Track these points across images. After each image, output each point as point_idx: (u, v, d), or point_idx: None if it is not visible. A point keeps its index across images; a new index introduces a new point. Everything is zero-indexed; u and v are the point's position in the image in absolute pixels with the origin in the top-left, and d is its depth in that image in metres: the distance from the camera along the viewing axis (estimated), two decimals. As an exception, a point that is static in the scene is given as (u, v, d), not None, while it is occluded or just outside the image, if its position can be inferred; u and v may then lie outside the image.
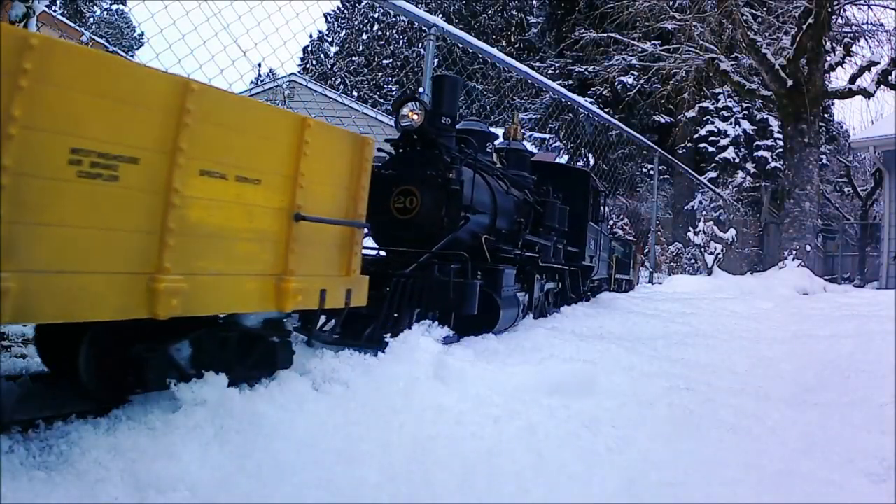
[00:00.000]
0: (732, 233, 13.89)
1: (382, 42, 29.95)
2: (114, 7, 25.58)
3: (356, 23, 31.67)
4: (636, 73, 17.79)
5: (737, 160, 20.80)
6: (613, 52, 16.97)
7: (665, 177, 18.21)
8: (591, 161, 12.23)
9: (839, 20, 13.53)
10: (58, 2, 22.40)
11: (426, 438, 1.71)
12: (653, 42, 15.90)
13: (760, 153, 20.78)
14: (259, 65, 23.19)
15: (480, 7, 27.58)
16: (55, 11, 18.24)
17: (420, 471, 1.53)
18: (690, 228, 13.64)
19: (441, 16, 19.27)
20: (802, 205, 12.09)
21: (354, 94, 24.83)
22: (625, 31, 15.64)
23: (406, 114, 3.53)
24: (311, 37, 31.51)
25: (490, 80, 9.17)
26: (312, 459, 1.55)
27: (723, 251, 13.06)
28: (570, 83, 20.61)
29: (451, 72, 5.24)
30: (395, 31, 29.89)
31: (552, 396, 2.22)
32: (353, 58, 30.31)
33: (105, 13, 25.52)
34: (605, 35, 16.38)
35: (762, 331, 5.02)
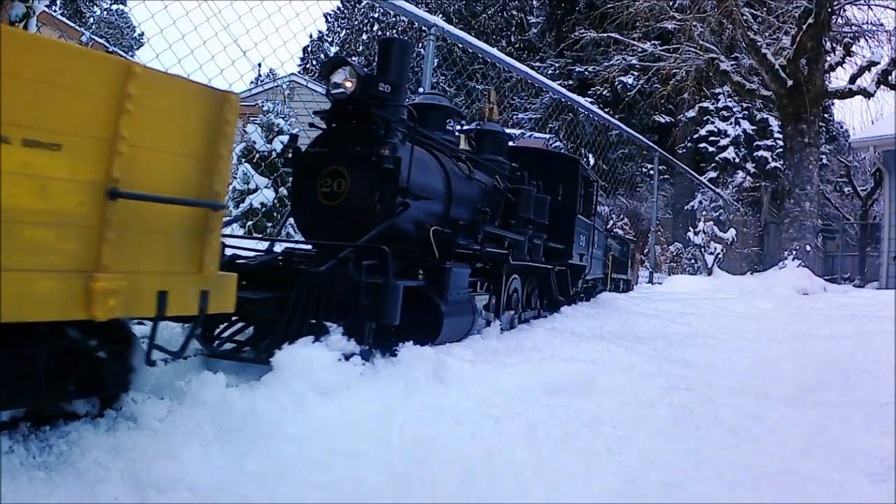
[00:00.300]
0: (732, 233, 13.90)
1: (382, 42, 29.96)
2: (114, 7, 25.58)
3: (356, 23, 31.70)
4: (636, 73, 17.81)
5: (737, 160, 20.82)
6: (613, 52, 16.99)
7: (665, 177, 18.22)
8: (592, 161, 12.21)
9: (839, 20, 13.54)
10: (58, 2, 22.41)
11: (426, 438, 1.71)
12: (653, 42, 15.92)
13: (760, 153, 20.80)
14: (259, 65, 23.20)
15: (480, 7, 27.58)
16: (55, 11, 18.24)
17: (420, 471, 1.53)
18: (690, 228, 13.64)
19: (441, 16, 19.27)
20: (802, 205, 12.10)
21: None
22: (625, 31, 15.65)
23: (338, 82, 2.98)
24: (311, 37, 31.52)
25: (490, 80, 9.15)
26: (312, 459, 1.55)
27: (723, 251, 13.07)
28: (570, 83, 20.64)
29: (451, 72, 5.18)
30: (395, 31, 29.88)
31: (552, 396, 2.22)
32: (354, 58, 30.30)
33: (105, 13, 25.51)
34: (605, 35, 16.39)
35: (762, 331, 5.02)
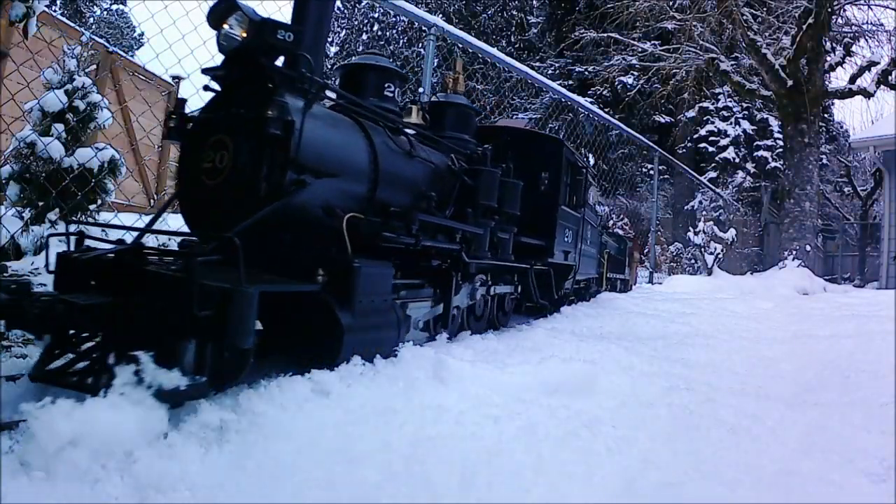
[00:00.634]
0: (732, 233, 13.91)
1: (382, 42, 29.91)
2: (114, 7, 25.56)
3: (356, 23, 31.68)
4: (636, 73, 17.82)
5: (737, 160, 20.84)
6: (613, 52, 17.01)
7: (665, 177, 18.22)
8: (592, 161, 12.21)
9: (839, 20, 13.56)
10: (58, 2, 22.41)
11: (426, 438, 1.71)
12: (653, 42, 15.94)
13: (760, 153, 20.83)
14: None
15: (480, 7, 27.57)
16: (55, 11, 18.25)
17: (420, 471, 1.53)
18: (690, 228, 13.65)
19: (441, 16, 19.28)
20: (802, 205, 12.10)
21: (354, 94, 24.76)
22: (625, 31, 15.67)
23: (229, 30, 2.39)
24: (311, 37, 31.50)
25: (490, 80, 9.15)
26: (312, 459, 1.55)
27: (723, 251, 13.07)
28: (570, 83, 20.65)
29: (452, 72, 5.14)
30: (395, 31, 29.88)
31: (552, 396, 2.22)
32: (354, 58, 30.27)
33: (105, 13, 25.50)
34: (605, 35, 16.41)
35: (762, 331, 5.02)
